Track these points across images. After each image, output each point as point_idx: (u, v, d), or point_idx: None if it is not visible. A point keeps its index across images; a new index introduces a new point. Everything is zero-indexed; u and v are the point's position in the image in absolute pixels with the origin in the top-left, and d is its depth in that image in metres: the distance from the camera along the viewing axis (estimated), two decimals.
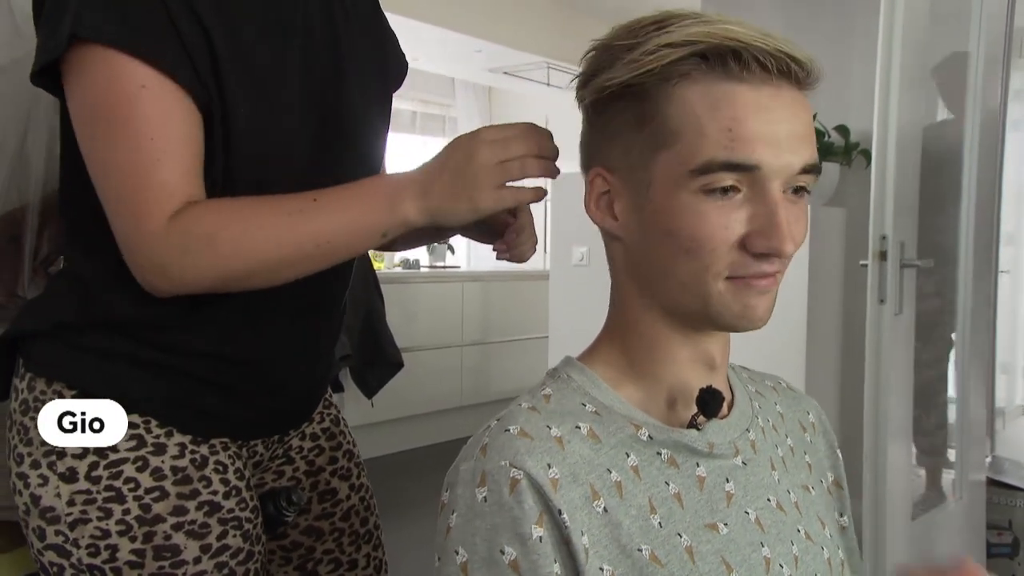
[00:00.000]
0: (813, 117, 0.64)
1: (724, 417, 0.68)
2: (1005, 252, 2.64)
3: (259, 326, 0.87)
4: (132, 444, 0.82)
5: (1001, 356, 2.72)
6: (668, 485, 0.62)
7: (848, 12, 2.55)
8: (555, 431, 0.60)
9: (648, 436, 0.64)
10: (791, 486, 0.71)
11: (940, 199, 2.07)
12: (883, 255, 1.64)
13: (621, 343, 0.68)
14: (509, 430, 0.60)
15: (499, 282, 4.23)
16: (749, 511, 0.65)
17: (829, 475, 0.79)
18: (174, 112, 0.75)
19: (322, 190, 0.78)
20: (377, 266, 4.10)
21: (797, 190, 0.62)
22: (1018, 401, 3.28)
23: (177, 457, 0.84)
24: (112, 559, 0.80)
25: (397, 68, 1.04)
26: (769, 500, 0.67)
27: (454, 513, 0.58)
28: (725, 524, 0.63)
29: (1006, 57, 2.42)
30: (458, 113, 5.32)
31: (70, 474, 0.81)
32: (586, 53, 0.65)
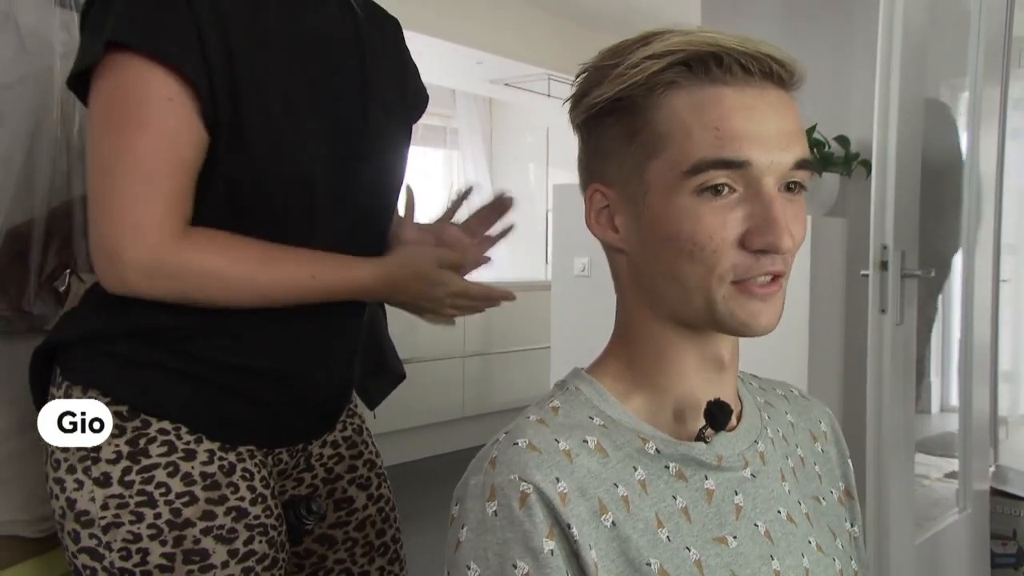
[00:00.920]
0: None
1: (733, 429, 0.69)
2: (1006, 261, 2.64)
3: (282, 336, 0.89)
4: (163, 450, 0.84)
5: (1003, 365, 2.72)
6: (675, 499, 0.62)
7: (848, 23, 2.56)
8: (563, 444, 0.60)
9: (656, 450, 0.64)
10: (801, 497, 0.71)
11: (941, 208, 2.07)
12: (884, 265, 1.64)
13: (628, 355, 0.68)
14: (518, 443, 0.60)
15: None
16: (759, 524, 0.65)
17: (840, 484, 0.79)
18: (183, 129, 0.78)
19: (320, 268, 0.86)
20: None
21: (793, 187, 0.62)
22: (1021, 411, 3.26)
23: (206, 463, 0.85)
24: (143, 562, 0.82)
25: (416, 98, 1.08)
26: (779, 512, 0.67)
27: (464, 527, 0.58)
28: (734, 537, 0.63)
29: (1005, 66, 2.43)
30: (459, 124, 5.32)
31: (104, 479, 0.83)
32: (576, 76, 0.66)
